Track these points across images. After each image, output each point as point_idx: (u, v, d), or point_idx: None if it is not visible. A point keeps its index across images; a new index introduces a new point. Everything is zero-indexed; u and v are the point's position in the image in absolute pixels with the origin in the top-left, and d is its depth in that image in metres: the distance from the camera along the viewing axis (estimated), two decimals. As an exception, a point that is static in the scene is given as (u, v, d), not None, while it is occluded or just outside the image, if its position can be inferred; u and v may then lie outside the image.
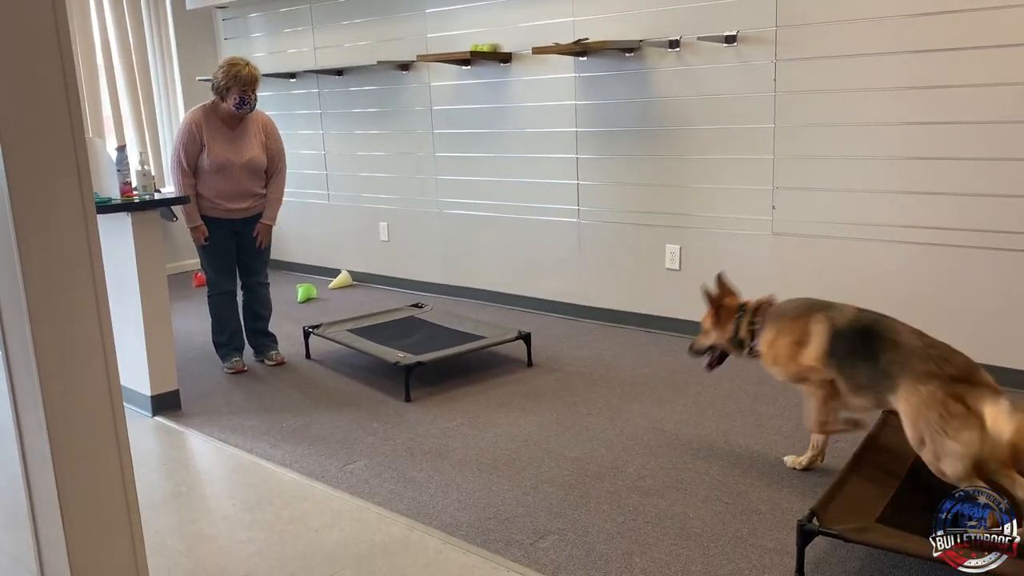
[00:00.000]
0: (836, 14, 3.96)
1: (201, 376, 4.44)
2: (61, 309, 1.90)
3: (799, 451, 3.20)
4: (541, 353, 4.52)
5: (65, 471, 1.95)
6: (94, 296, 1.95)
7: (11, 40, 1.76)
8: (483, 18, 5.35)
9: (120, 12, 6.77)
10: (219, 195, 4.28)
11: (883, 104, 3.91)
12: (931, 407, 2.43)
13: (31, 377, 1.90)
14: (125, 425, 2.03)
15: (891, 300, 4.03)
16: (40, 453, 1.96)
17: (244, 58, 4.25)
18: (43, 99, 1.82)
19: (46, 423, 1.91)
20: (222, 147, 4.25)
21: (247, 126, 4.32)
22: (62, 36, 1.82)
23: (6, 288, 1.91)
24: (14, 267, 1.84)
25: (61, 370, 1.92)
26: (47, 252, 1.86)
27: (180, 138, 4.23)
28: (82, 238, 1.91)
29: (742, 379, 4.05)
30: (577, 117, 5.03)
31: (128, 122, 6.91)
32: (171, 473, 3.36)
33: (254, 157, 4.34)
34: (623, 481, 3.06)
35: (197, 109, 4.28)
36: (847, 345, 2.75)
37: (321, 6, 6.36)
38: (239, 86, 4.15)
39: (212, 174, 4.24)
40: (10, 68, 1.76)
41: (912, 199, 3.91)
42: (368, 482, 3.13)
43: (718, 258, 4.59)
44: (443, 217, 5.95)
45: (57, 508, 1.95)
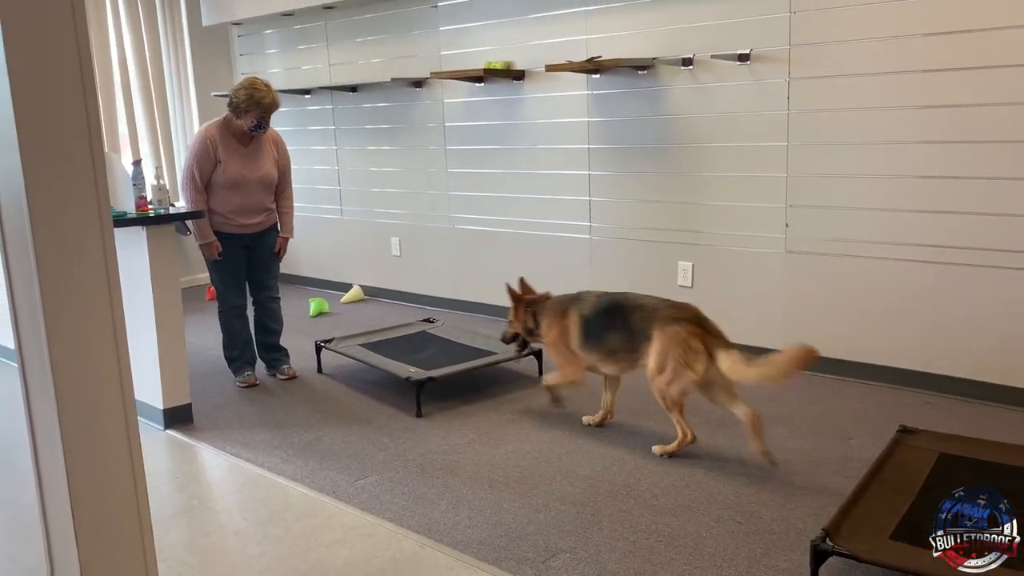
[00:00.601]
0: (850, 33, 3.96)
1: (213, 390, 4.45)
2: (77, 322, 1.91)
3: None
4: (552, 369, 4.51)
5: (79, 484, 1.95)
6: (110, 310, 1.96)
7: (33, 59, 1.78)
8: (496, 36, 5.38)
9: (137, 28, 6.84)
10: (233, 210, 4.31)
11: (897, 123, 3.91)
12: (677, 344, 3.22)
13: (47, 389, 1.91)
14: (139, 438, 2.04)
15: (905, 318, 4.02)
16: (54, 466, 1.96)
17: (266, 82, 4.25)
18: (63, 116, 1.84)
19: (61, 436, 1.92)
20: (237, 163, 4.27)
21: (260, 142, 4.36)
22: (83, 55, 1.84)
23: (24, 300, 1.93)
24: (32, 280, 1.86)
25: (76, 382, 1.93)
26: (64, 265, 1.88)
27: (194, 154, 4.23)
28: (99, 252, 1.93)
29: (754, 399, 4.02)
30: (590, 134, 5.04)
31: (144, 136, 6.97)
32: (183, 487, 3.36)
33: (268, 172, 4.38)
34: (635, 500, 3.04)
35: (211, 125, 4.31)
36: (595, 325, 3.52)
37: (336, 23, 6.41)
38: (259, 111, 4.20)
39: (226, 189, 4.27)
40: (32, 85, 1.79)
41: (926, 218, 3.89)
42: (379, 498, 3.12)
43: (731, 276, 4.59)
44: (455, 233, 5.96)
45: (70, 520, 1.96)
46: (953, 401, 3.88)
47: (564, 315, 3.65)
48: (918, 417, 3.64)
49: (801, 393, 4.06)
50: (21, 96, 1.78)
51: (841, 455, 3.34)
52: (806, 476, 3.17)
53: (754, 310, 4.53)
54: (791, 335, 4.39)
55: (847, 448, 3.41)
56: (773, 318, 4.46)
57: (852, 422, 3.68)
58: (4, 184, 1.88)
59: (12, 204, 1.87)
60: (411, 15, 5.87)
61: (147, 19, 6.90)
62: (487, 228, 5.74)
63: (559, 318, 3.66)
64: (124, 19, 6.76)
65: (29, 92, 1.79)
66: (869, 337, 4.15)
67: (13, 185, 1.84)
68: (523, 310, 3.85)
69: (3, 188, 1.89)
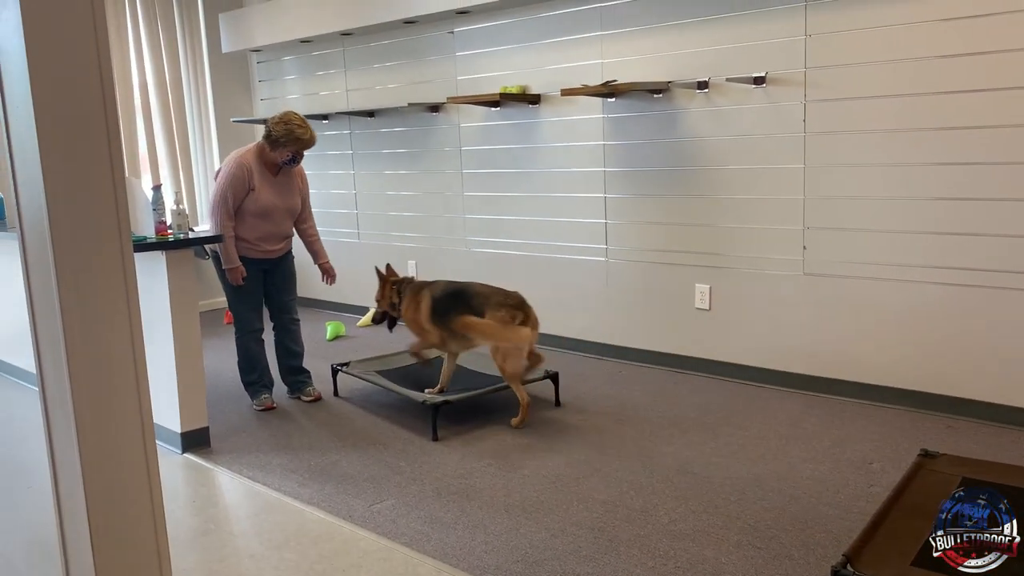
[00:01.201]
0: (866, 55, 3.96)
1: (230, 413, 4.47)
2: (97, 345, 1.93)
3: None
4: (569, 393, 4.50)
5: (97, 507, 1.96)
6: (129, 334, 1.98)
7: (56, 87, 1.81)
8: (512, 61, 5.42)
9: (158, 55, 6.95)
10: (260, 237, 4.35)
11: (915, 145, 3.90)
12: (498, 324, 3.93)
13: (66, 412, 1.93)
14: (157, 462, 2.05)
15: (926, 340, 3.98)
16: (73, 488, 1.97)
17: (303, 119, 4.31)
18: (85, 143, 1.86)
19: (80, 458, 1.93)
20: (269, 192, 4.32)
21: (288, 172, 4.44)
22: (105, 83, 1.87)
23: (45, 324, 1.95)
24: (53, 303, 1.88)
25: (96, 406, 1.94)
26: (85, 290, 1.90)
27: (228, 180, 4.25)
28: (119, 277, 1.95)
29: (774, 421, 3.99)
30: (605, 157, 5.05)
31: (163, 161, 7.05)
32: (199, 510, 3.36)
33: (295, 202, 4.48)
34: (653, 525, 3.01)
35: (246, 153, 4.35)
36: (442, 305, 4.13)
37: (353, 49, 6.49)
38: (296, 147, 4.27)
39: (256, 217, 4.31)
40: (55, 113, 1.81)
41: (944, 240, 3.87)
42: (395, 522, 3.11)
43: (749, 298, 4.57)
44: (471, 256, 5.98)
45: (88, 543, 1.96)
46: (975, 424, 3.83)
47: (418, 294, 4.28)
48: (939, 441, 3.60)
49: (820, 416, 4.02)
50: (44, 123, 1.81)
51: (862, 479, 3.30)
52: (826, 500, 3.13)
53: (773, 333, 4.50)
54: (810, 358, 4.36)
55: (868, 472, 3.37)
56: (792, 341, 4.43)
57: (872, 446, 3.64)
58: (27, 209, 1.91)
59: (34, 228, 1.89)
60: (428, 41, 5.93)
61: (168, 46, 7.01)
62: (503, 251, 5.75)
63: (415, 296, 4.29)
64: (145, 46, 6.87)
65: (52, 119, 1.82)
66: (889, 360, 4.12)
67: (35, 210, 1.86)
68: (389, 288, 4.41)
69: (26, 213, 1.92)
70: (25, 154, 1.86)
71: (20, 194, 1.92)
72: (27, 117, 1.81)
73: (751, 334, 4.60)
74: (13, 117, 1.88)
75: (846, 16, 3.99)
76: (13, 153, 1.92)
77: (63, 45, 1.82)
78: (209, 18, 7.19)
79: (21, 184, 1.91)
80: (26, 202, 1.90)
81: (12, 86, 1.85)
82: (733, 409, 4.19)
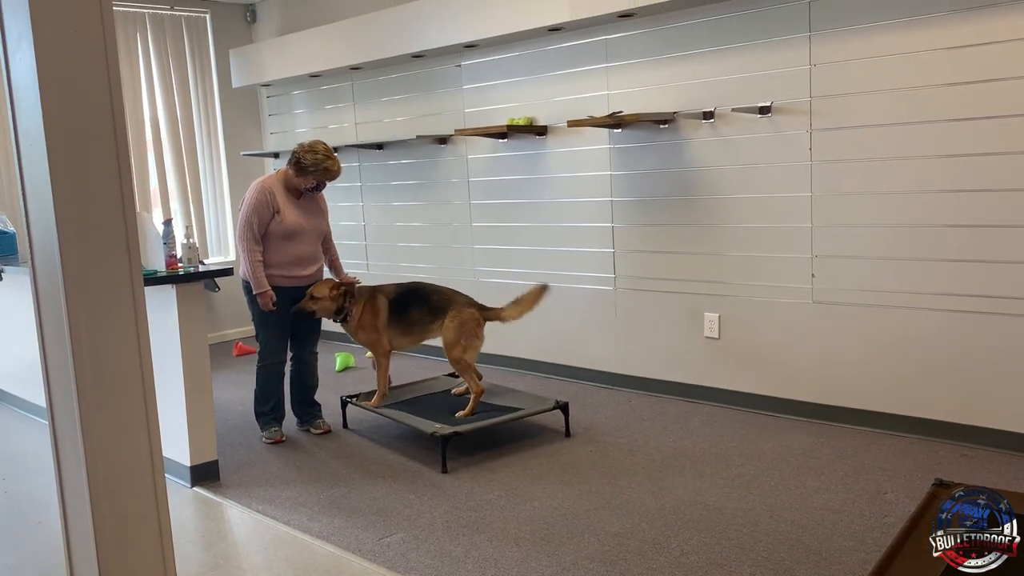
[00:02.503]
0: (871, 84, 3.98)
1: (240, 446, 4.46)
2: (107, 379, 1.94)
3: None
4: (579, 423, 4.48)
5: (106, 541, 1.95)
6: (139, 367, 1.99)
7: (69, 123, 1.84)
8: (519, 93, 5.47)
9: (169, 89, 7.04)
10: (289, 261, 4.37)
11: (921, 172, 3.90)
12: (470, 321, 4.31)
13: (76, 445, 1.93)
14: (166, 495, 2.04)
15: (938, 368, 3.96)
16: (82, 522, 1.97)
17: (331, 150, 4.37)
18: (97, 178, 1.88)
19: (89, 492, 1.92)
20: (294, 213, 4.36)
21: (310, 196, 4.47)
22: (117, 120, 1.89)
23: (55, 357, 1.95)
24: (63, 337, 1.89)
25: (105, 439, 1.94)
26: (96, 323, 1.91)
27: (252, 205, 4.27)
28: (129, 310, 1.96)
29: (786, 450, 3.96)
30: (612, 187, 5.07)
31: (174, 194, 7.12)
32: (209, 545, 3.34)
33: (320, 224, 4.53)
34: (665, 557, 2.98)
35: (269, 178, 4.41)
36: (397, 305, 4.41)
37: (362, 83, 6.56)
38: (323, 177, 4.34)
39: (284, 239, 4.33)
40: (67, 149, 1.84)
41: (956, 267, 3.86)
42: (405, 556, 3.09)
43: (758, 326, 4.55)
44: (479, 286, 5.99)
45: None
46: (990, 453, 3.79)
47: (374, 299, 4.46)
48: (954, 470, 3.56)
49: (833, 446, 3.99)
50: (56, 159, 1.83)
51: (876, 510, 3.26)
52: (840, 531, 3.10)
53: (783, 361, 4.48)
54: (821, 386, 4.34)
55: (882, 503, 3.33)
56: (802, 369, 4.40)
57: (886, 476, 3.60)
58: (38, 243, 1.92)
59: (46, 262, 1.91)
60: (435, 74, 5.99)
61: (179, 81, 7.10)
62: (512, 280, 5.76)
63: (371, 302, 4.46)
64: (157, 81, 6.97)
65: (64, 155, 1.84)
66: (901, 388, 4.09)
67: (47, 244, 1.88)
68: (336, 291, 4.44)
69: (37, 247, 1.93)
70: (37, 189, 1.88)
71: (32, 229, 1.94)
72: (40, 153, 1.83)
73: (761, 363, 4.57)
74: (26, 153, 1.91)
75: (850, 46, 4.02)
76: (26, 188, 1.94)
77: (75, 82, 1.84)
78: (220, 53, 7.28)
79: (33, 219, 1.93)
80: (38, 236, 1.92)
81: (26, 122, 1.88)
82: (744, 438, 4.16)
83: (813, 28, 4.13)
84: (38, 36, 1.79)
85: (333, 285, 4.46)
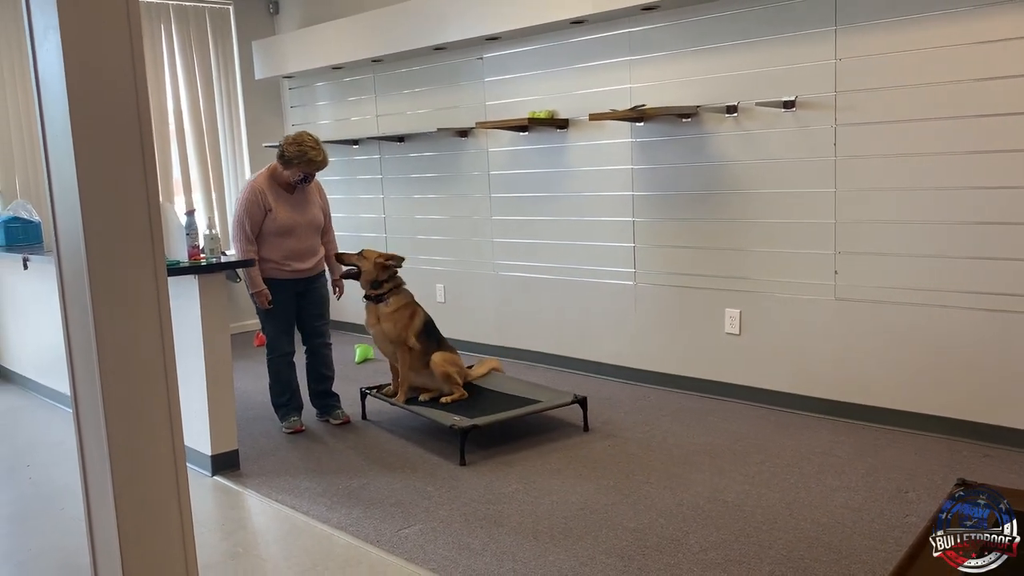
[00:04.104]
0: (897, 79, 3.93)
1: (260, 436, 4.49)
2: (130, 368, 1.95)
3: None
4: (597, 418, 4.47)
5: (128, 529, 1.97)
6: (162, 356, 2.00)
7: (94, 116, 1.85)
8: (541, 86, 5.45)
9: (193, 81, 7.08)
10: (286, 256, 4.39)
11: (948, 168, 3.85)
12: (450, 355, 4.54)
13: (99, 434, 1.95)
14: (187, 484, 2.06)
15: (961, 367, 3.91)
16: (105, 510, 1.99)
17: (316, 139, 4.36)
18: (122, 170, 1.89)
19: (111, 480, 1.94)
20: (286, 210, 4.37)
21: (305, 188, 4.48)
22: (142, 112, 1.90)
23: (79, 346, 1.97)
24: (88, 326, 1.90)
25: (128, 428, 1.96)
26: (119, 313, 1.92)
27: (244, 206, 4.33)
28: (153, 300, 1.97)
29: (806, 448, 3.93)
30: (634, 181, 5.05)
31: (196, 185, 7.16)
32: (229, 533, 3.37)
33: (315, 216, 4.51)
34: (683, 554, 2.97)
35: (259, 177, 4.42)
36: (428, 331, 4.53)
37: (384, 75, 6.56)
38: (308, 169, 4.33)
39: (278, 236, 4.36)
40: (93, 142, 1.85)
41: (980, 264, 3.81)
42: (423, 548, 3.10)
43: (779, 323, 4.52)
44: (499, 279, 5.99)
45: (119, 566, 1.97)
46: (1013, 453, 3.75)
47: (416, 305, 4.53)
48: (977, 470, 3.52)
49: (854, 444, 3.96)
50: (82, 150, 1.84)
51: (897, 509, 3.23)
52: (861, 530, 3.07)
53: (804, 358, 4.44)
54: (842, 383, 4.30)
55: (903, 502, 3.30)
56: (823, 366, 4.37)
57: (907, 475, 3.56)
58: (64, 233, 1.94)
59: (71, 252, 1.92)
60: (457, 67, 5.98)
61: (202, 73, 7.14)
62: (531, 275, 5.76)
63: (412, 305, 4.51)
64: (180, 73, 7.01)
65: (89, 146, 1.85)
66: (923, 387, 4.05)
67: (73, 234, 1.89)
68: (381, 267, 4.43)
69: (63, 237, 1.95)
70: (63, 179, 1.89)
71: (57, 218, 1.96)
72: (65, 143, 1.85)
73: (782, 359, 4.54)
74: (52, 144, 1.92)
75: (877, 40, 3.97)
76: (52, 179, 1.95)
77: (101, 73, 1.85)
78: (242, 45, 7.32)
79: (59, 209, 1.95)
80: (63, 226, 1.94)
81: (52, 113, 1.89)
82: (764, 436, 4.13)
83: (839, 22, 4.08)
84: (65, 28, 1.80)
85: (388, 256, 4.46)
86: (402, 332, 4.42)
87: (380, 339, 4.50)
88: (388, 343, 4.47)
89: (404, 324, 4.43)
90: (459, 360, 4.60)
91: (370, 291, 4.44)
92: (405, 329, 4.43)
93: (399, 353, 4.47)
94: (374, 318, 4.46)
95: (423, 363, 4.47)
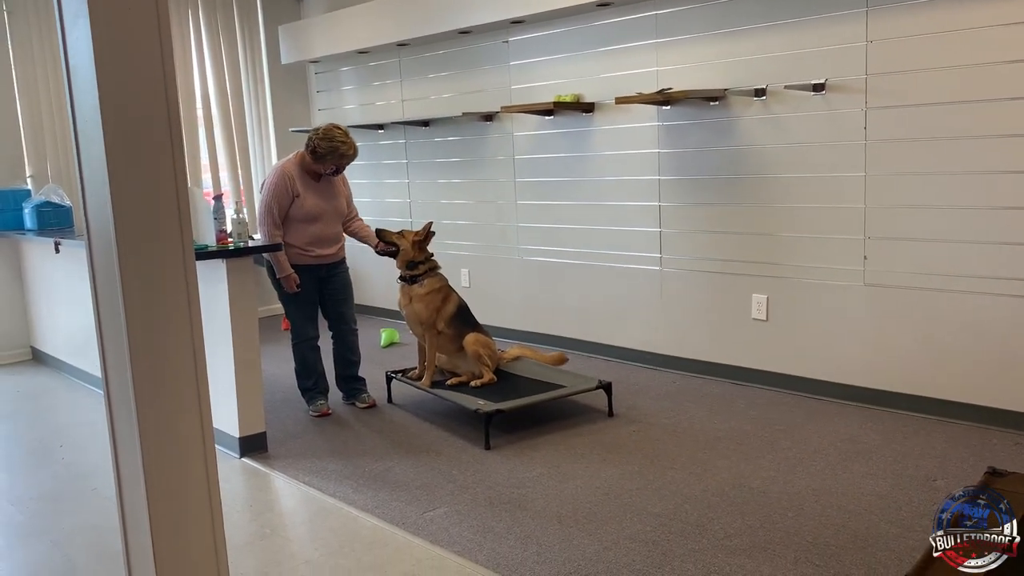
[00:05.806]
0: (929, 61, 3.86)
1: (287, 419, 4.53)
2: (160, 351, 1.97)
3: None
4: (622, 403, 4.47)
5: (159, 509, 2.00)
6: (191, 340, 2.02)
7: (124, 102, 1.86)
8: (566, 69, 5.42)
9: (220, 67, 7.12)
10: (310, 241, 4.42)
11: (979, 152, 3.78)
12: (484, 338, 4.54)
13: (130, 415, 1.97)
14: (216, 466, 2.08)
15: (991, 354, 3.86)
16: (136, 491, 2.02)
17: (345, 131, 4.38)
18: (151, 155, 1.91)
19: (142, 462, 1.97)
20: (313, 196, 4.40)
21: (329, 178, 4.49)
22: (170, 98, 1.91)
23: (110, 330, 2.00)
24: (118, 310, 1.92)
25: (158, 410, 1.98)
26: (149, 297, 1.94)
27: (272, 190, 4.36)
28: (182, 284, 1.99)
29: (833, 435, 3.91)
30: (660, 165, 5.01)
31: (224, 169, 7.21)
32: (257, 515, 3.42)
33: (340, 204, 4.57)
34: (708, 539, 2.97)
35: (287, 162, 4.44)
36: (462, 316, 4.53)
37: (409, 60, 6.56)
38: (339, 161, 4.36)
39: (304, 222, 4.38)
40: (122, 127, 1.87)
41: (1010, 250, 3.74)
42: (448, 530, 3.12)
43: (807, 309, 4.48)
44: (524, 264, 5.98)
45: (150, 546, 2.00)
46: (1046, 442, 3.70)
47: (451, 289, 4.56)
48: (1008, 459, 3.48)
49: (881, 431, 3.92)
50: (111, 135, 1.86)
51: (925, 497, 3.20)
52: (888, 518, 3.05)
53: (832, 345, 4.40)
54: (870, 370, 4.26)
55: (931, 490, 3.27)
56: (852, 353, 4.33)
57: (936, 463, 3.53)
58: (94, 217, 1.96)
59: (101, 236, 1.95)
60: (482, 51, 5.96)
61: (229, 58, 7.17)
62: (556, 259, 5.74)
63: (447, 288, 4.54)
64: (208, 58, 7.05)
65: (119, 131, 1.87)
66: (953, 374, 3.99)
67: (102, 218, 1.91)
68: (419, 250, 4.50)
69: (93, 221, 1.97)
70: (93, 164, 1.91)
71: (88, 203, 1.98)
72: (95, 129, 1.87)
73: (809, 346, 4.50)
74: (82, 129, 1.94)
75: (909, 21, 3.90)
76: (82, 163, 1.98)
77: (130, 60, 1.87)
78: (269, 30, 7.34)
79: (89, 193, 1.97)
80: (93, 211, 1.96)
81: (82, 99, 1.91)
82: (791, 422, 4.11)
83: (871, 3, 4.01)
84: (94, 13, 1.81)
85: (425, 236, 4.51)
86: (432, 315, 4.44)
87: (411, 320, 4.52)
88: (418, 324, 4.49)
89: (435, 307, 4.45)
90: (493, 344, 4.62)
91: (405, 272, 4.49)
92: (436, 312, 4.45)
93: (427, 336, 4.48)
94: (407, 299, 4.49)
95: (456, 347, 4.51)
